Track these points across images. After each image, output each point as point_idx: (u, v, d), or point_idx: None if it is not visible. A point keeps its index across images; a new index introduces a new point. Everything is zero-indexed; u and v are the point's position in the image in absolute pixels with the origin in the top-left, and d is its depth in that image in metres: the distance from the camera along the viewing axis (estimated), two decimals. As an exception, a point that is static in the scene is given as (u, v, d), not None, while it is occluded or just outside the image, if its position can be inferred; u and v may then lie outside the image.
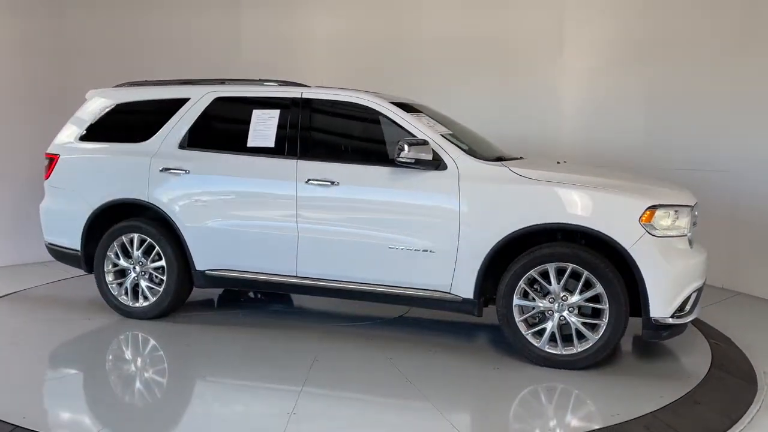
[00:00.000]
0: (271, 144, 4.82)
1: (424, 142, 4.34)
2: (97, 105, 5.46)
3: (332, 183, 4.58)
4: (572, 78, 7.38)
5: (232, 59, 7.78)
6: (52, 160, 5.44)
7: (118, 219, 5.22)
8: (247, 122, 4.94)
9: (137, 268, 5.14)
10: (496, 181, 4.30)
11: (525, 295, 4.22)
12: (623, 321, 4.03)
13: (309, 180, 4.63)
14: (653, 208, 4.01)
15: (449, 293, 4.41)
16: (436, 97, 5.15)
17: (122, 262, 5.18)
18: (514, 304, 4.21)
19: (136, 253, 5.13)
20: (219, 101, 5.07)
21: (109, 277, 5.22)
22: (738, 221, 6.37)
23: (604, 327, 4.05)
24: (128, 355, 4.64)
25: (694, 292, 4.13)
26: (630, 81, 7.04)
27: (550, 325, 4.17)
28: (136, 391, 4.01)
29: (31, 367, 4.31)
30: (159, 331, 4.93)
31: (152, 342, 4.79)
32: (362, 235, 4.54)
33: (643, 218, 3.98)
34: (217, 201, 4.92)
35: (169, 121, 5.14)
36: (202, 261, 4.97)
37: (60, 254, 5.52)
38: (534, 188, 4.21)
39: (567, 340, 4.20)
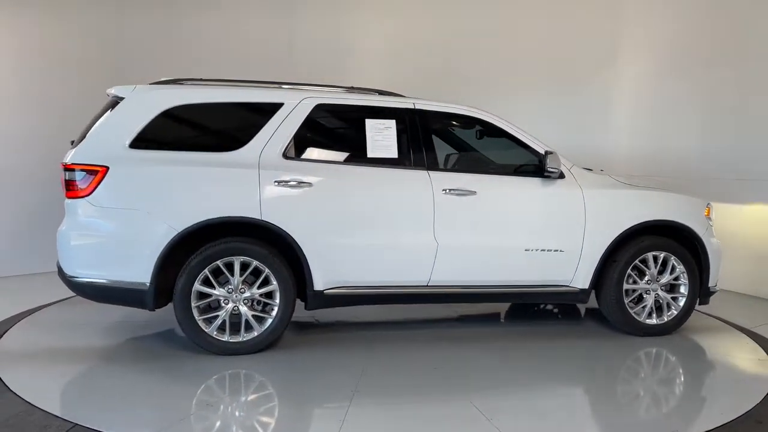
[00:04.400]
0: (393, 155, 4.74)
1: (554, 154, 4.90)
2: (147, 106, 4.47)
3: (471, 192, 4.78)
4: (626, 85, 7.70)
5: (278, 63, 7.37)
6: (92, 172, 4.28)
7: (196, 243, 4.42)
8: (358, 131, 4.75)
9: (236, 297, 4.44)
10: (606, 186, 5.11)
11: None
12: (697, 293, 5.26)
13: (445, 190, 4.74)
14: (708, 205, 5.34)
15: (569, 286, 5.06)
16: (484, 106, 5.25)
17: (218, 292, 4.41)
18: (624, 288, 5.09)
19: (238, 279, 4.43)
20: (321, 108, 4.72)
21: (196, 312, 4.39)
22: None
23: (684, 299, 5.22)
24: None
25: None
26: (686, 88, 7.14)
27: (649, 303, 5.17)
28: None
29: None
30: (258, 364, 4.40)
31: (259, 377, 4.24)
32: (501, 239, 4.86)
33: (706, 213, 5.29)
34: (346, 214, 4.60)
35: (265, 128, 4.57)
36: (322, 280, 4.58)
37: (104, 291, 4.35)
38: (637, 192, 5.16)
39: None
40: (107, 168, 4.27)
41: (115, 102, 4.57)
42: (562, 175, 4.99)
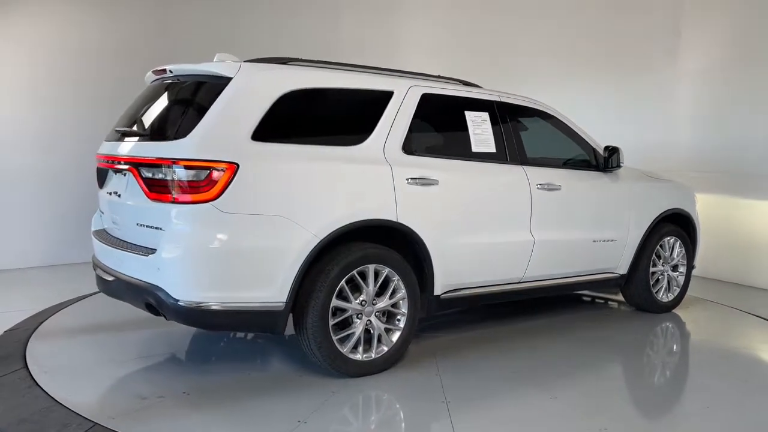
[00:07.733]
0: (492, 149, 4.59)
1: (620, 149, 5.19)
2: (264, 89, 3.70)
3: (557, 188, 4.83)
4: (687, 80, 7.39)
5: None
6: (215, 170, 3.42)
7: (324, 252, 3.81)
8: (459, 124, 4.50)
9: (368, 310, 3.93)
10: (641, 180, 5.57)
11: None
12: (691, 270, 6.01)
13: (538, 185, 4.73)
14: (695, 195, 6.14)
15: (614, 272, 5.43)
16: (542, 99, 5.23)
17: (354, 305, 3.85)
18: (650, 271, 5.62)
19: (373, 289, 3.93)
20: (426, 98, 4.35)
21: (332, 331, 3.79)
22: None
23: (684, 276, 5.94)
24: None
25: None
26: (751, 83, 6.89)
27: (664, 283, 5.78)
28: None
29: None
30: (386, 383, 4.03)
31: (388, 396, 3.89)
32: (578, 232, 5.03)
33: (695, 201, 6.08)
34: (469, 213, 4.35)
35: (383, 119, 4.09)
36: (441, 284, 4.28)
37: (232, 317, 3.52)
38: (660, 184, 5.70)
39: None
40: (237, 165, 3.46)
41: (178, 82, 3.86)
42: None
